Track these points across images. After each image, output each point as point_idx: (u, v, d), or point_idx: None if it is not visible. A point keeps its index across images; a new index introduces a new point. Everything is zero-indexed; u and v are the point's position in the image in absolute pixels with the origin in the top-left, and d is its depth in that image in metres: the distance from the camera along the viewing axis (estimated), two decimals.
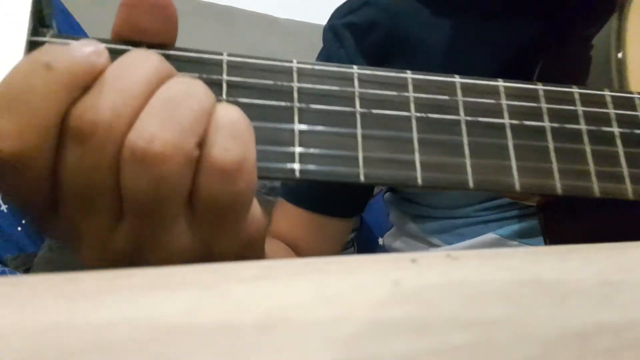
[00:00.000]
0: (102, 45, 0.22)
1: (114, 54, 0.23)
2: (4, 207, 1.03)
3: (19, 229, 1.03)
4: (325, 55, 0.56)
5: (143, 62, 0.21)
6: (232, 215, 0.21)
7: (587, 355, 0.13)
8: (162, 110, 0.20)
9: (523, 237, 0.52)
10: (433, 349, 0.13)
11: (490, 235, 0.52)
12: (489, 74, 0.31)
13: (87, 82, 0.20)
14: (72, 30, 1.11)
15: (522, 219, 0.52)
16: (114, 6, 0.24)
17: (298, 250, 0.55)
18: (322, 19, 0.61)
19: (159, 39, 0.25)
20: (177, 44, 0.28)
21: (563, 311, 0.14)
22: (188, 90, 0.21)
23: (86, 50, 0.21)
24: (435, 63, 0.51)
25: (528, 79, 0.46)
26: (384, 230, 0.71)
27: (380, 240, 0.75)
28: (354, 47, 0.53)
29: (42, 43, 0.24)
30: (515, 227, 0.52)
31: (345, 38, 0.54)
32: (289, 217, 0.55)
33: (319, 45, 0.58)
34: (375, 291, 0.15)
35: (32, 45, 0.24)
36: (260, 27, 1.35)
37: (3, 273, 0.93)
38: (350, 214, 0.58)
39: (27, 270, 0.95)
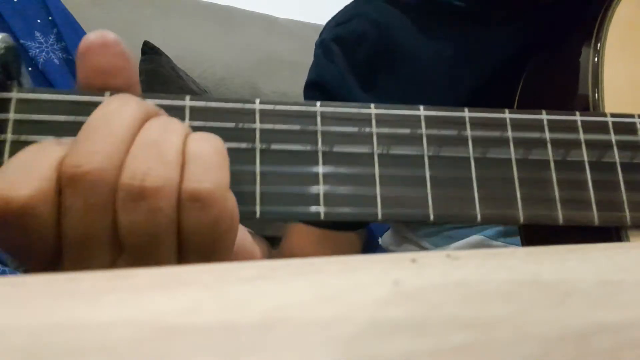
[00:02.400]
0: None
1: (91, 106, 0.24)
2: None
3: None
4: (315, 72, 0.56)
5: (124, 105, 0.23)
6: (216, 244, 0.23)
7: (587, 355, 0.13)
8: (147, 150, 0.22)
9: (506, 236, 0.54)
10: (433, 349, 0.13)
11: (475, 237, 0.54)
12: (479, 83, 0.31)
13: None
14: (73, 30, 1.11)
15: None
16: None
17: None
18: (322, 19, 0.61)
19: (123, 78, 0.26)
20: (179, 44, 0.28)
21: (563, 311, 0.14)
22: (166, 127, 0.23)
23: None
24: (425, 74, 0.52)
25: (516, 84, 0.46)
26: (383, 230, 0.71)
27: (380, 240, 0.75)
28: (343, 62, 0.54)
29: (8, 100, 0.24)
30: (499, 227, 0.55)
31: (335, 53, 0.54)
32: (303, 236, 0.56)
33: None
34: (375, 291, 0.15)
35: None
36: (260, 27, 1.35)
37: (3, 273, 0.93)
38: (362, 225, 0.59)
39: (27, 270, 0.94)
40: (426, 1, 0.53)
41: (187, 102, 0.27)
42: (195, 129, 0.26)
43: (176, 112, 0.26)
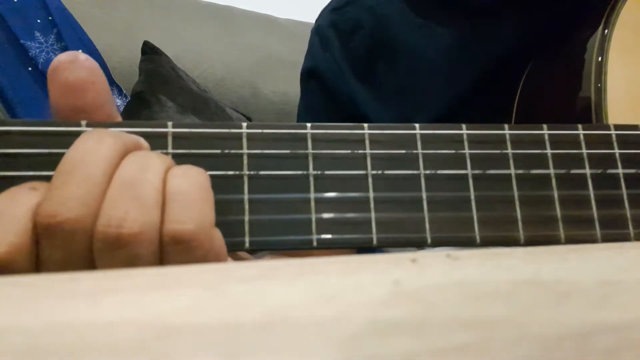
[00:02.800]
0: None
1: (65, 136, 0.23)
2: None
3: None
4: (311, 60, 0.55)
5: (99, 143, 0.22)
6: None
7: (587, 355, 0.13)
8: (124, 192, 0.21)
9: None
10: (433, 349, 0.13)
11: None
12: (479, 77, 0.30)
13: None
14: (73, 30, 1.11)
15: None
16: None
17: None
18: None
19: (93, 94, 0.25)
20: (179, 44, 0.28)
21: (563, 311, 0.14)
22: (144, 164, 0.22)
23: None
24: (423, 66, 0.51)
25: (517, 80, 0.45)
26: None
27: None
28: (339, 51, 0.53)
29: None
30: None
31: (330, 42, 0.53)
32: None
33: None
34: (375, 291, 0.15)
35: None
36: (260, 27, 1.35)
37: None
38: None
39: None
40: None
41: (170, 129, 0.25)
42: (179, 156, 0.25)
43: (158, 140, 0.25)
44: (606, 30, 0.39)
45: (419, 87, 0.50)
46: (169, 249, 0.21)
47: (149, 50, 1.10)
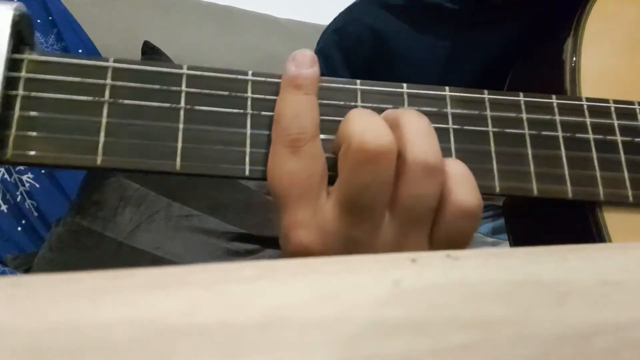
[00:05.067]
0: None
1: (94, 69, 0.28)
2: (4, 207, 1.03)
3: (19, 229, 1.03)
4: None
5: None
6: (466, 245, 0.28)
7: (587, 355, 0.13)
8: (426, 136, 0.27)
9: (497, 233, 0.57)
10: (433, 349, 0.13)
11: None
12: (473, 78, 0.32)
13: None
14: (73, 30, 1.12)
15: (495, 218, 0.59)
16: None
17: None
18: (322, 19, 0.62)
19: None
20: (179, 44, 0.29)
21: (563, 311, 0.14)
22: (430, 124, 0.28)
23: None
24: (420, 76, 0.53)
25: (503, 85, 0.47)
26: None
27: None
28: (342, 66, 0.55)
29: (21, 60, 0.27)
30: (490, 225, 0.58)
31: (334, 60, 0.56)
32: None
33: None
34: (375, 291, 0.15)
35: (11, 63, 0.26)
36: (260, 27, 1.35)
37: (3, 273, 0.93)
38: None
39: (27, 270, 0.95)
40: (417, 4, 0.54)
41: (185, 70, 0.29)
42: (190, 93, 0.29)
43: (172, 78, 0.29)
44: (579, 25, 0.41)
45: None
46: (454, 219, 0.27)
47: (149, 50, 1.10)
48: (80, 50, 1.10)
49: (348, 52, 0.55)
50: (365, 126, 0.26)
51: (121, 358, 0.12)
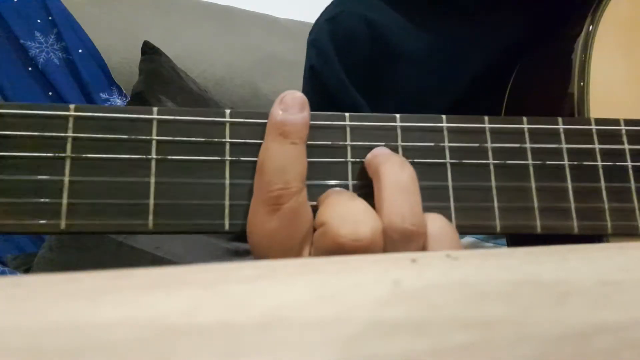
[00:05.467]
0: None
1: (54, 119, 0.25)
2: None
3: None
4: (309, 73, 0.54)
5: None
6: None
7: (587, 355, 0.13)
8: (404, 194, 0.26)
9: (496, 238, 0.55)
10: (433, 349, 0.13)
11: (468, 239, 0.55)
12: (473, 76, 0.31)
13: None
14: (73, 30, 1.11)
15: None
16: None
17: None
18: None
19: None
20: (179, 44, 0.28)
21: (563, 311, 0.14)
22: (414, 177, 0.26)
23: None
24: (420, 69, 0.51)
25: (508, 81, 0.45)
26: None
27: None
28: (338, 64, 0.52)
29: None
30: None
31: (328, 55, 0.53)
32: None
33: None
34: (375, 291, 0.15)
35: None
36: (260, 27, 1.35)
37: (3, 273, 0.93)
38: None
39: (27, 270, 0.95)
40: None
41: (155, 115, 0.26)
42: (162, 142, 0.26)
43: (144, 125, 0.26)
44: (591, 27, 0.39)
45: (415, 92, 0.50)
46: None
47: (149, 50, 1.10)
48: (80, 50, 1.10)
49: (343, 47, 0.52)
50: (342, 215, 0.24)
51: (121, 358, 0.12)
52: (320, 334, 0.13)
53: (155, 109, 0.26)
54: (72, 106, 0.26)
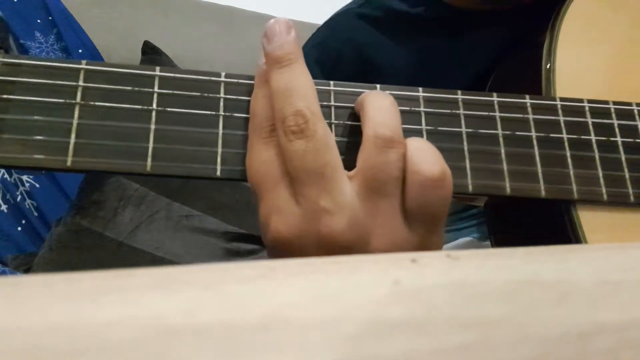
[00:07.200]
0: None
1: (66, 71, 0.28)
2: (4, 207, 1.03)
3: (19, 229, 1.03)
4: None
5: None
6: (442, 217, 0.27)
7: (587, 355, 0.13)
8: (385, 111, 0.28)
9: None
10: (433, 349, 0.13)
11: (465, 238, 0.57)
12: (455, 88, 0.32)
13: None
14: (73, 30, 1.12)
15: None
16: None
17: None
18: (322, 19, 0.61)
19: None
20: (179, 44, 0.29)
21: (563, 311, 0.14)
22: (394, 103, 0.29)
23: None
24: (403, 84, 0.52)
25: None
26: None
27: None
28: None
29: None
30: (485, 229, 0.57)
31: (313, 75, 0.54)
32: None
33: None
34: (375, 291, 0.15)
35: None
36: (260, 27, 1.34)
37: (3, 273, 0.93)
38: None
39: (27, 270, 0.95)
40: (391, 14, 0.53)
41: (157, 72, 0.29)
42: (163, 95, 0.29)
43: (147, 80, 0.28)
44: (555, 24, 0.41)
45: None
46: (420, 189, 0.27)
47: (149, 50, 1.10)
48: (80, 51, 1.10)
49: (329, 67, 0.54)
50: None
51: (121, 358, 0.12)
52: (320, 334, 0.13)
53: (157, 68, 0.29)
54: (84, 61, 0.28)
